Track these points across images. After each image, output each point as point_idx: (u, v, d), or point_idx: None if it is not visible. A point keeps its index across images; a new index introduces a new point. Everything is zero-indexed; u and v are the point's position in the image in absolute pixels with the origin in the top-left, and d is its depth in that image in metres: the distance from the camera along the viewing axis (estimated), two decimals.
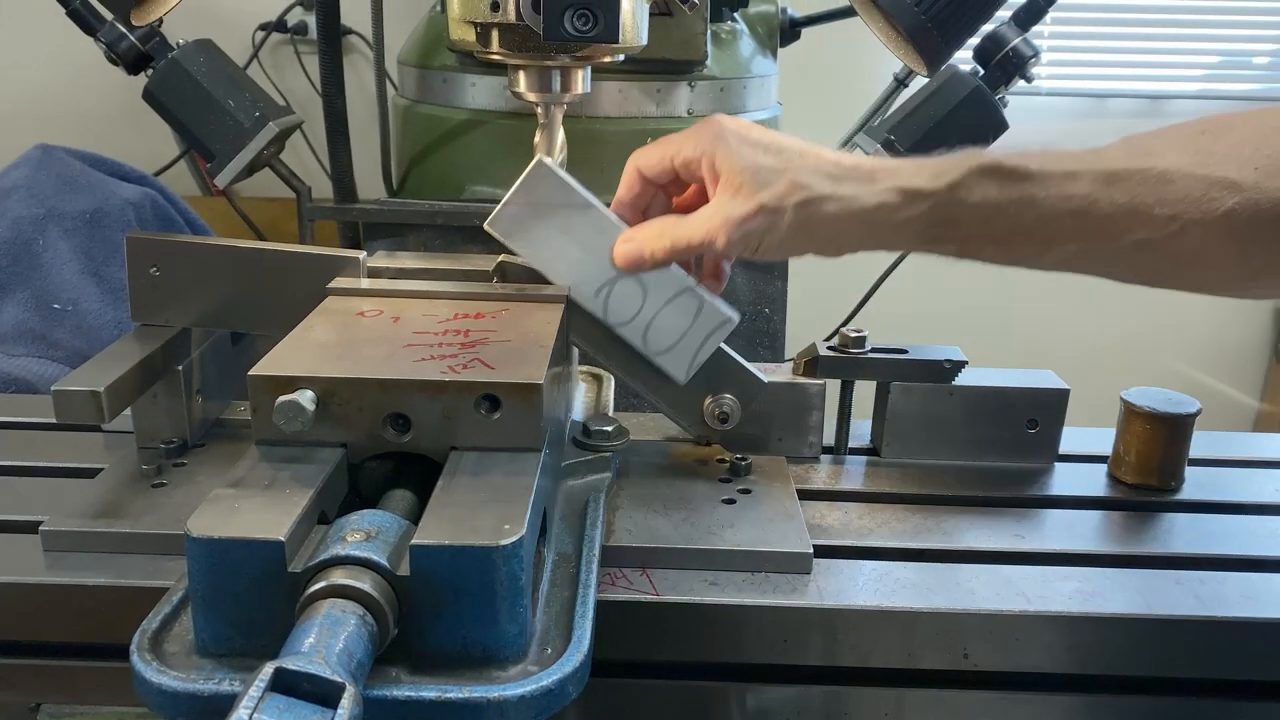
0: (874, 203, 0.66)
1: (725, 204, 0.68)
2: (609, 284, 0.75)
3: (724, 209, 0.68)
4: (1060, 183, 0.64)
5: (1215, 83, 2.53)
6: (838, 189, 0.66)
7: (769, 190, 0.66)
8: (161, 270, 0.80)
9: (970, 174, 0.65)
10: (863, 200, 0.66)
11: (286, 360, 0.63)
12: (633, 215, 0.75)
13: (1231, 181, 0.61)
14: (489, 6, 0.71)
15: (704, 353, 0.78)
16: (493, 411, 0.61)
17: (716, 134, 0.69)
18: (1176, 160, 0.62)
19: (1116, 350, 2.47)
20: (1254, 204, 0.60)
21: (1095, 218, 0.63)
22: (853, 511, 0.81)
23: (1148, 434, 0.85)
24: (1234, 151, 0.62)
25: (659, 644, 0.68)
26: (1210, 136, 0.63)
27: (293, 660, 0.44)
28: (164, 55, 1.15)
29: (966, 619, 0.68)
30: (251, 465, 0.59)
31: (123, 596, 0.67)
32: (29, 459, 0.85)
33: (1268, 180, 0.60)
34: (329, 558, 0.51)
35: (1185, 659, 0.69)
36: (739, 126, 0.70)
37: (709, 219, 0.68)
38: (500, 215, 0.75)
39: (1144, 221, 0.63)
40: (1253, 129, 0.63)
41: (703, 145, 0.69)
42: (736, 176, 0.67)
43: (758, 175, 0.67)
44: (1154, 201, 0.62)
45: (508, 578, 0.52)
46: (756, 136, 0.69)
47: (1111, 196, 0.63)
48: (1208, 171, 0.61)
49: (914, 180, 0.66)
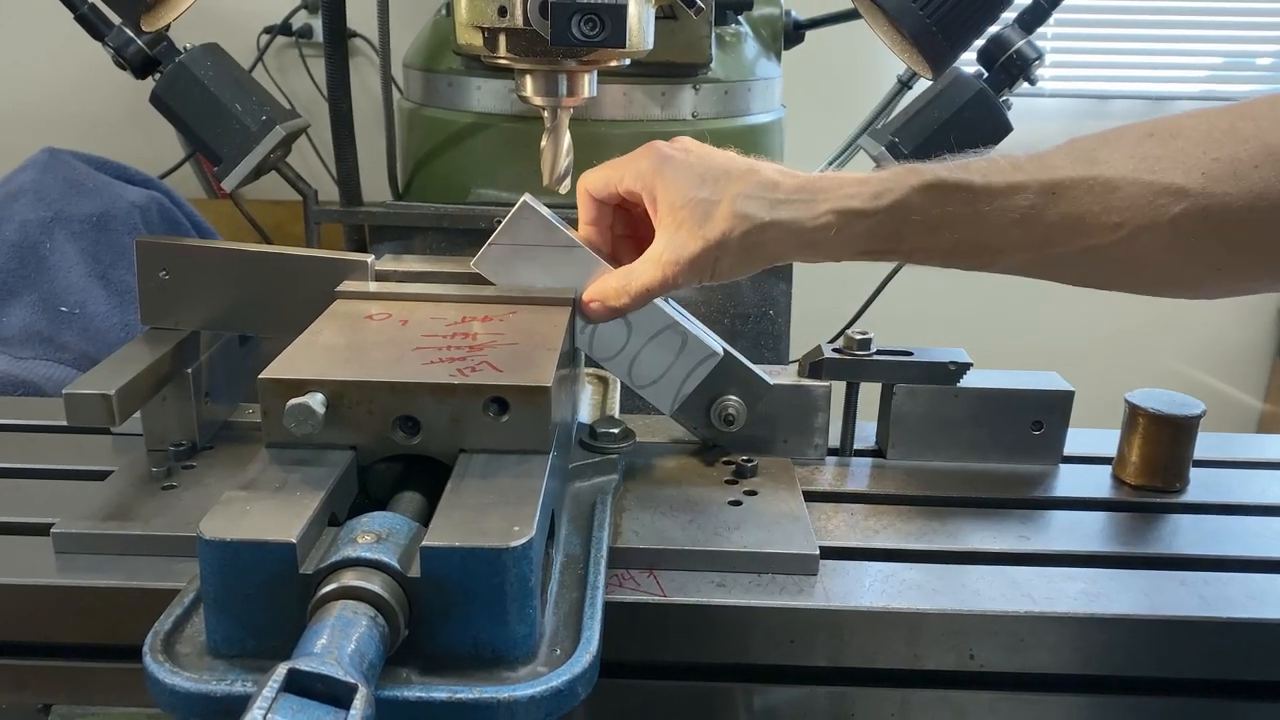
0: (814, 225, 0.67)
1: (671, 242, 0.70)
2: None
3: (671, 249, 0.70)
4: (1005, 195, 0.64)
5: (1218, 84, 2.53)
6: (777, 214, 0.68)
7: (711, 225, 0.68)
8: (171, 274, 0.80)
9: (912, 192, 0.66)
10: (802, 223, 0.67)
11: (296, 363, 0.63)
12: (599, 234, 0.78)
13: (1179, 187, 0.61)
14: (496, 11, 0.71)
15: (689, 385, 0.81)
16: (501, 414, 0.62)
17: (655, 166, 0.71)
18: (1122, 167, 0.62)
19: (1120, 351, 2.47)
20: (1202, 209, 0.61)
21: (1042, 227, 0.64)
22: (858, 513, 0.81)
23: (1152, 435, 0.85)
24: (1181, 156, 0.61)
25: (666, 645, 0.69)
26: (1157, 141, 0.63)
27: (306, 661, 0.45)
28: (171, 59, 1.15)
29: (972, 620, 0.68)
30: (262, 468, 0.59)
31: (133, 598, 0.68)
32: (39, 461, 0.85)
33: (1215, 185, 0.60)
34: (340, 559, 0.51)
35: (1190, 660, 0.69)
36: (676, 153, 0.71)
37: (659, 262, 0.70)
38: (486, 254, 0.78)
39: (1091, 229, 0.63)
40: (1200, 132, 0.62)
41: (642, 178, 0.72)
42: (678, 212, 0.69)
43: (697, 209, 0.69)
44: (1100, 209, 0.62)
45: (517, 579, 0.53)
46: (694, 163, 0.70)
47: (1057, 206, 0.63)
48: (1154, 178, 0.61)
49: (853, 201, 0.67)
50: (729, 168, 0.70)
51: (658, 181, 0.70)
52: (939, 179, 0.65)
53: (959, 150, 0.69)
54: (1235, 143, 0.61)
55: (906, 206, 0.66)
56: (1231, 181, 0.60)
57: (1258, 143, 0.61)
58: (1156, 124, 0.65)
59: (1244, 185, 0.60)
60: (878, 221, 0.66)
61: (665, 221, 0.70)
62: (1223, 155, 0.61)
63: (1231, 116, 0.63)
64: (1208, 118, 0.63)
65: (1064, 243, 0.64)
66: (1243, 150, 0.61)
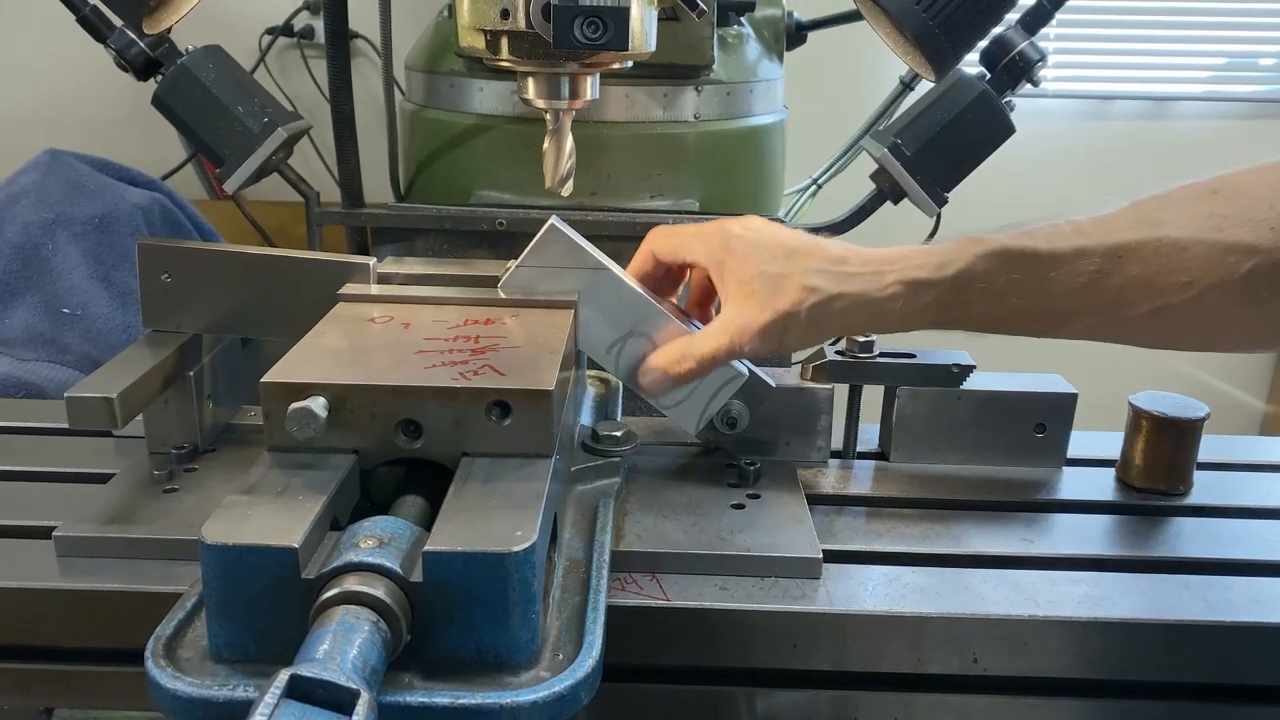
0: (881, 297, 0.69)
1: (740, 313, 0.72)
2: (620, 341, 0.78)
3: (740, 318, 0.71)
4: (1070, 261, 0.64)
5: (1221, 84, 2.53)
6: (845, 287, 0.69)
7: (781, 297, 0.70)
8: (173, 276, 0.80)
9: (976, 260, 0.66)
10: (870, 295, 0.69)
11: (299, 367, 0.63)
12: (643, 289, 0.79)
13: (1248, 245, 0.60)
14: (499, 14, 0.71)
15: (714, 406, 0.81)
16: (504, 418, 0.61)
17: (724, 242, 0.73)
18: (1187, 227, 0.62)
19: (1123, 353, 2.46)
20: (1273, 264, 0.60)
21: (1109, 291, 0.64)
22: (861, 516, 0.81)
23: (1156, 438, 0.85)
24: (1247, 213, 0.61)
25: (669, 649, 0.69)
26: (1221, 198, 0.63)
27: (308, 667, 0.45)
28: (173, 61, 1.15)
29: (975, 624, 0.68)
30: (264, 472, 0.59)
31: (136, 601, 0.68)
32: (41, 464, 0.85)
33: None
34: (342, 564, 0.51)
35: (1194, 664, 0.69)
36: (747, 231, 0.74)
37: (728, 330, 0.72)
38: (513, 277, 0.78)
39: (1159, 291, 0.63)
40: (1264, 187, 0.62)
41: (713, 253, 0.73)
42: (747, 285, 0.71)
43: (767, 283, 0.70)
44: (1168, 270, 0.62)
45: (520, 584, 0.53)
46: (764, 240, 0.72)
47: (1124, 269, 0.63)
48: (1221, 236, 0.61)
49: (919, 272, 0.68)
50: (797, 245, 0.72)
51: (728, 256, 0.72)
52: (1003, 247, 0.66)
53: (963, 152, 0.69)
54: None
55: (971, 274, 0.66)
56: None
57: None
58: (1219, 182, 0.65)
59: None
60: (944, 291, 0.67)
61: (734, 294, 0.72)
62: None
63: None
64: (1272, 172, 0.63)
65: (1133, 305, 0.64)
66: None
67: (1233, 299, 0.62)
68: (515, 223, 1.25)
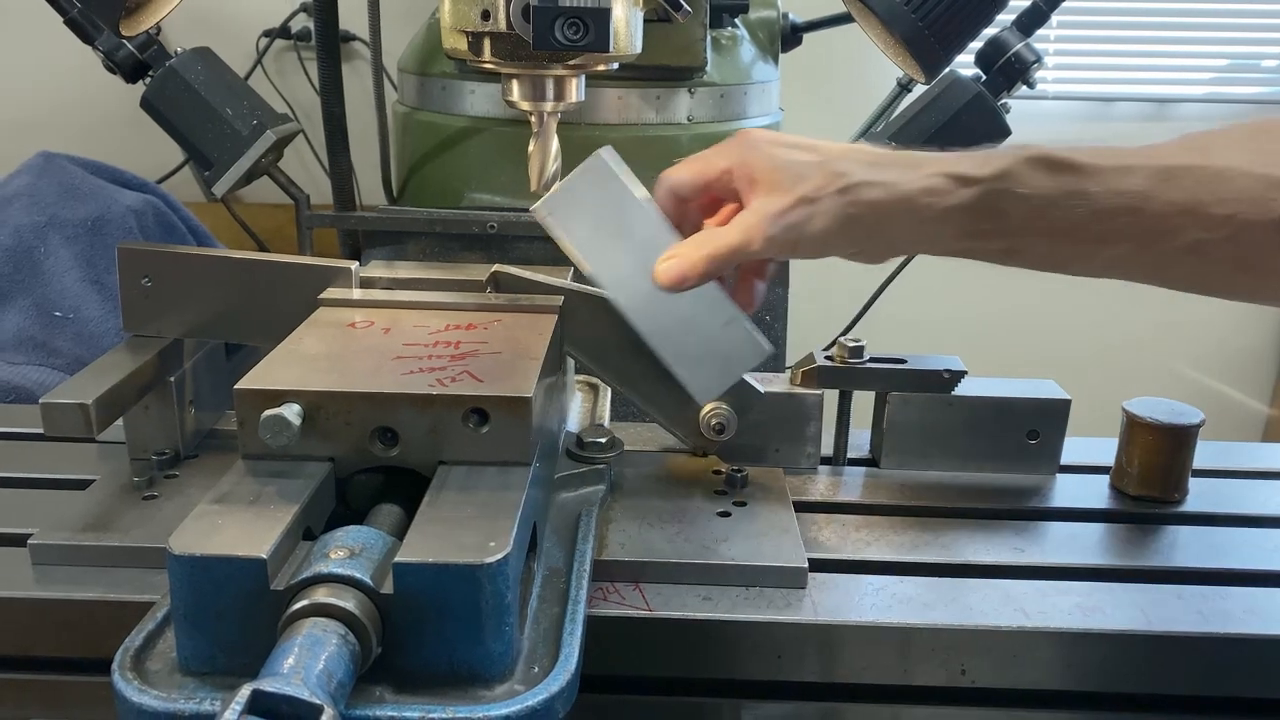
0: (919, 187, 0.63)
1: (763, 203, 0.65)
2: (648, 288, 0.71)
3: (760, 207, 0.65)
4: (1114, 177, 0.62)
5: (1222, 86, 2.51)
6: (879, 175, 0.64)
7: (805, 182, 0.64)
8: (153, 281, 0.79)
9: (1019, 163, 0.62)
10: (906, 186, 0.63)
11: (274, 373, 0.62)
12: None
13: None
14: (479, 15, 0.70)
15: (729, 377, 0.76)
16: (481, 425, 0.60)
17: (749, 143, 0.67)
18: (1235, 158, 0.60)
19: (1121, 355, 2.45)
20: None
21: (1150, 215, 0.61)
22: (850, 524, 0.80)
23: (1150, 445, 0.84)
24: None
25: (652, 660, 0.67)
26: (1268, 136, 0.61)
27: (270, 682, 0.44)
28: (162, 63, 1.15)
29: (964, 635, 0.67)
30: (236, 480, 0.58)
31: (111, 611, 0.67)
32: (20, 470, 0.84)
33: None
34: (311, 575, 0.50)
35: (1187, 676, 0.68)
36: (770, 135, 0.68)
37: (745, 220, 0.66)
38: (550, 199, 0.72)
39: (1199, 221, 0.60)
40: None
41: (737, 154, 0.67)
42: (772, 175, 0.65)
43: (792, 170, 0.64)
44: (1211, 200, 0.60)
45: (493, 596, 0.52)
46: (791, 139, 0.67)
47: (1167, 193, 0.61)
48: (1266, 170, 0.59)
49: (960, 166, 0.63)
50: (824, 144, 0.67)
51: (752, 153, 0.66)
52: (1047, 154, 0.63)
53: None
54: None
55: (1012, 176, 0.62)
56: None
57: None
58: (1268, 120, 0.63)
59: None
60: (983, 191, 0.62)
61: (760, 186, 0.66)
62: None
63: None
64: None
65: (1171, 236, 0.61)
66: None
67: (1269, 240, 0.60)
68: (506, 225, 1.24)
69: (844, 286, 1.37)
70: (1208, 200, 0.60)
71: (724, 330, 0.74)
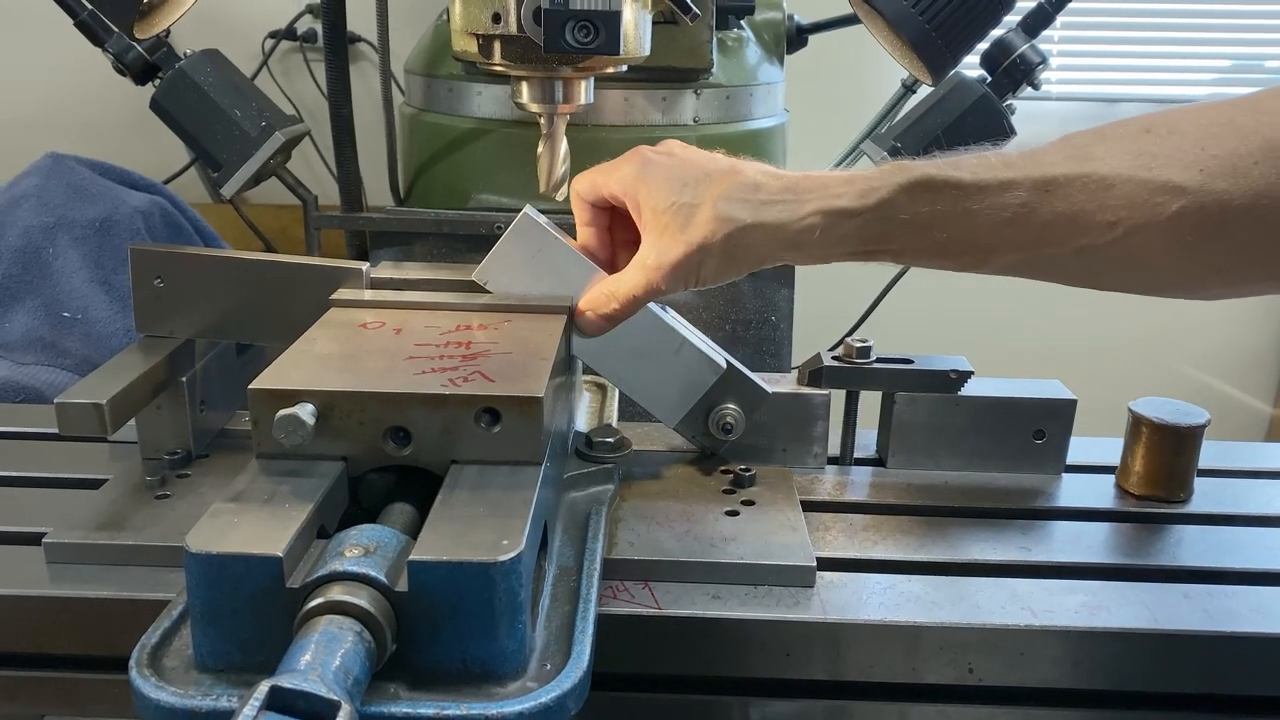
0: (799, 227, 0.66)
1: (654, 248, 0.69)
2: None
3: (655, 253, 0.69)
4: (996, 193, 0.62)
5: (1226, 87, 2.51)
6: (761, 216, 0.66)
7: (695, 229, 0.67)
8: (165, 281, 0.80)
9: (900, 190, 0.64)
10: (787, 225, 0.66)
11: (287, 373, 0.63)
12: (597, 236, 0.76)
13: (1176, 185, 0.59)
14: (490, 18, 0.71)
15: (690, 398, 0.80)
16: (493, 424, 0.61)
17: (638, 171, 0.70)
18: (1118, 164, 0.60)
19: (1126, 355, 2.45)
20: (1200, 207, 0.58)
21: (1034, 226, 0.62)
22: (857, 523, 0.80)
23: (1156, 445, 0.84)
24: (1178, 153, 0.59)
25: (661, 658, 0.68)
26: (1154, 137, 0.61)
27: (288, 678, 0.44)
28: (171, 65, 1.15)
29: (971, 633, 0.67)
30: (251, 479, 0.59)
31: (125, 609, 0.68)
32: (33, 469, 0.85)
33: (1213, 182, 0.58)
34: (327, 573, 0.51)
35: (1193, 675, 0.68)
36: (659, 157, 0.71)
37: (643, 268, 0.70)
38: (487, 266, 0.77)
39: (1085, 229, 0.61)
40: (1198, 127, 0.60)
41: (625, 183, 0.71)
42: (660, 217, 0.68)
43: (679, 214, 0.67)
44: (1095, 208, 0.60)
45: (506, 594, 0.52)
46: (675, 166, 0.69)
47: (1050, 204, 0.61)
48: (1151, 175, 0.59)
49: (839, 201, 0.65)
50: (710, 170, 0.69)
51: (640, 187, 0.69)
52: (927, 176, 0.63)
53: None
54: (1235, 138, 0.59)
55: (894, 205, 0.64)
56: (1230, 179, 0.58)
57: (1258, 138, 0.59)
58: (1154, 118, 0.62)
59: (1244, 183, 0.58)
60: (864, 221, 0.65)
61: (650, 226, 0.69)
62: (1221, 151, 0.59)
63: (1231, 111, 0.61)
64: (1206, 112, 0.61)
65: (1058, 242, 0.62)
66: (1242, 146, 0.58)
67: (1160, 241, 0.60)
68: None
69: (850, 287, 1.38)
70: (1092, 208, 0.61)
71: (676, 357, 0.79)
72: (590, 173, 0.74)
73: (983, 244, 0.64)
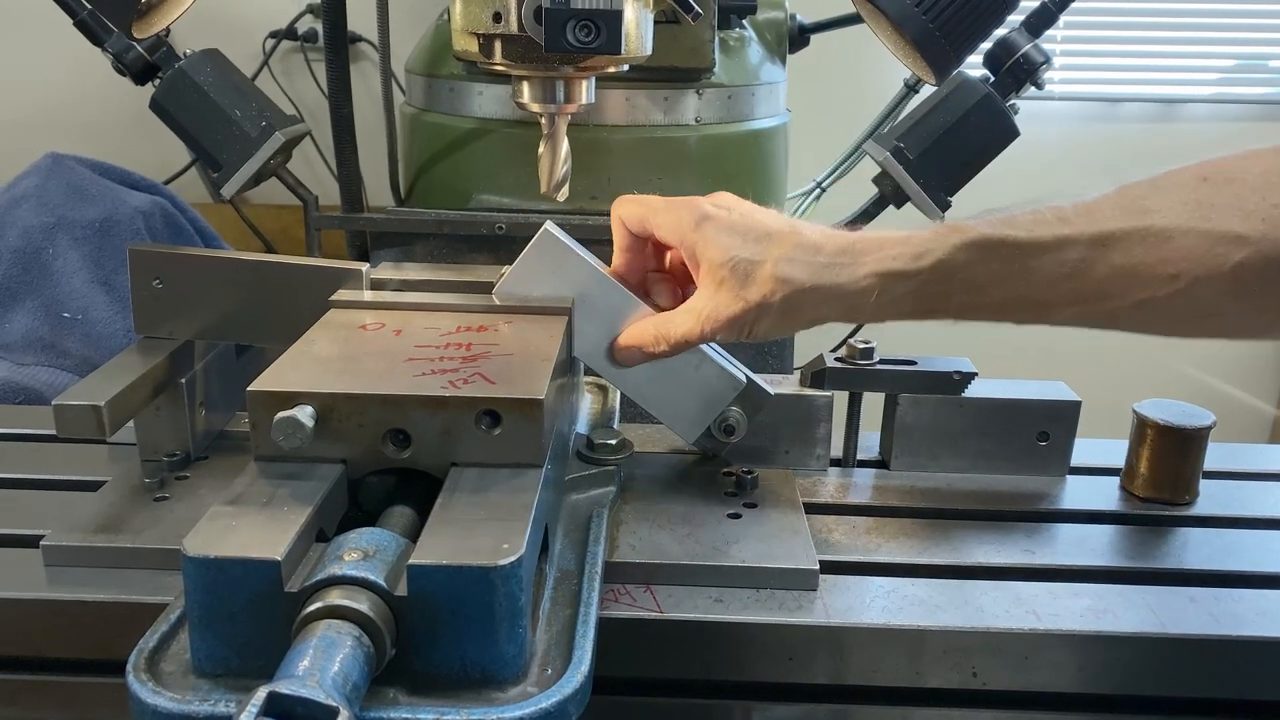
0: (856, 289, 0.66)
1: (711, 299, 0.70)
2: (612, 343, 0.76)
3: (710, 305, 0.70)
4: (1053, 250, 0.62)
5: (1230, 86, 2.51)
6: (819, 278, 0.67)
7: (753, 287, 0.68)
8: (164, 283, 0.79)
9: (955, 250, 0.64)
10: (845, 288, 0.66)
11: (286, 375, 0.62)
12: (632, 262, 0.77)
13: (1237, 235, 0.58)
14: (491, 18, 0.70)
15: (710, 413, 0.80)
16: (494, 427, 0.60)
17: (695, 222, 0.70)
18: (1175, 216, 0.60)
19: (1130, 357, 2.45)
20: (1263, 256, 0.58)
21: (1093, 281, 0.62)
22: (860, 525, 0.80)
23: (1161, 447, 0.84)
24: (1238, 203, 0.59)
25: (663, 661, 0.68)
26: (1211, 186, 0.61)
27: (286, 684, 0.44)
28: (171, 65, 1.15)
29: (975, 637, 0.67)
30: (249, 482, 0.58)
31: (124, 612, 0.67)
32: (32, 471, 0.85)
33: (1276, 231, 0.58)
34: (325, 578, 0.50)
35: (1199, 678, 0.68)
36: (719, 211, 0.71)
37: (698, 316, 0.70)
38: (505, 283, 0.77)
39: (1145, 282, 0.61)
40: (1257, 176, 0.60)
41: (681, 233, 0.71)
42: (718, 270, 0.69)
43: (738, 269, 0.68)
44: (1155, 261, 0.60)
45: (506, 598, 0.52)
46: (736, 221, 0.70)
47: (1108, 259, 0.61)
48: (1210, 226, 0.59)
49: (895, 263, 0.65)
50: (771, 228, 0.69)
51: (698, 238, 0.70)
52: (983, 236, 0.63)
53: (966, 156, 0.67)
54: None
55: (950, 266, 0.64)
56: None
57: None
58: (1209, 166, 0.62)
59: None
60: (921, 283, 0.65)
61: (706, 279, 0.70)
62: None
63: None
64: (1264, 159, 0.61)
65: (1117, 296, 0.62)
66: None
67: (1222, 291, 0.60)
68: (515, 227, 1.24)
69: None
70: (1151, 261, 0.60)
71: (697, 373, 0.79)
72: (639, 205, 0.74)
73: (1041, 300, 0.64)
